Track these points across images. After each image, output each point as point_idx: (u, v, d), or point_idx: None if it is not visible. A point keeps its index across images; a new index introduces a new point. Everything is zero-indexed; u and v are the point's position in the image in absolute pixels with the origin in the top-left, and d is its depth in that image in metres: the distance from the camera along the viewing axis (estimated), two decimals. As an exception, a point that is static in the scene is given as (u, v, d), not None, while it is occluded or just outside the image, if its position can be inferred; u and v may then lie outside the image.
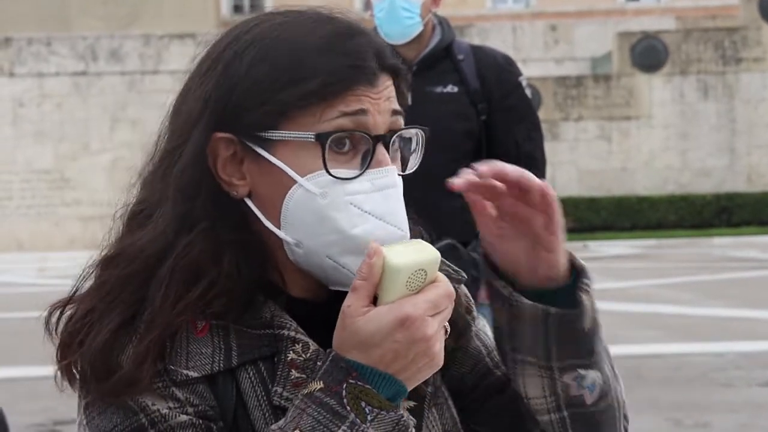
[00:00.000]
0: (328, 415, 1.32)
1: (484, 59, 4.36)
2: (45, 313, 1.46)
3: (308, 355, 1.41)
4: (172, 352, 1.38)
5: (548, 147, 4.95)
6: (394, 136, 1.44)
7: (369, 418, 1.32)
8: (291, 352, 1.40)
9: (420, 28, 4.20)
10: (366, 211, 1.40)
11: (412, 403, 1.46)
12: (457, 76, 4.30)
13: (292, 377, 1.39)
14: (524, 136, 4.38)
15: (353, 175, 1.40)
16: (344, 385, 1.32)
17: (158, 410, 1.36)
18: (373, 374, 1.33)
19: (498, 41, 29.12)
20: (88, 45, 29.60)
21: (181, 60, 29.44)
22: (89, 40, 29.72)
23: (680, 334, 10.98)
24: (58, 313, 1.46)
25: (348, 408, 1.32)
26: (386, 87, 1.45)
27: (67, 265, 24.21)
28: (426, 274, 1.36)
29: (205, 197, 1.43)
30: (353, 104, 1.41)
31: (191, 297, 1.39)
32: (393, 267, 1.34)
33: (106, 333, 1.38)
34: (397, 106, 1.46)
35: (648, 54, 29.45)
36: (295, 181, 1.41)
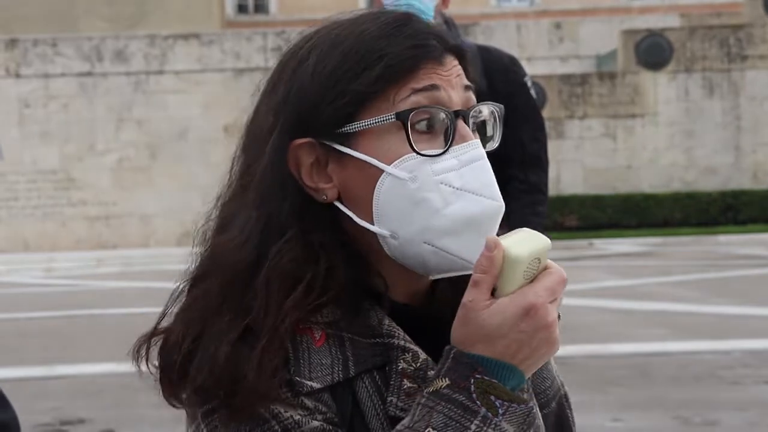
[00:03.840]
0: (459, 411, 1.32)
1: (491, 59, 4.36)
2: (134, 346, 1.46)
3: (418, 364, 1.41)
4: (296, 363, 1.39)
5: (553, 145, 4.94)
6: (473, 110, 1.45)
7: (500, 411, 1.33)
8: (401, 361, 1.41)
9: (433, 30, 4.19)
10: (458, 188, 1.40)
11: None
12: (464, 75, 4.30)
13: (405, 387, 1.40)
14: (530, 136, 4.38)
15: (439, 152, 1.40)
16: (471, 381, 1.33)
17: (291, 417, 1.36)
18: (498, 367, 1.34)
19: (503, 39, 29.08)
20: (93, 46, 29.61)
21: (186, 60, 29.49)
22: (95, 41, 29.73)
23: (687, 332, 10.96)
24: (146, 344, 1.45)
25: (478, 403, 1.32)
26: (454, 65, 1.46)
27: (73, 266, 24.24)
28: (540, 262, 1.37)
29: (291, 204, 1.43)
30: (423, 80, 1.42)
31: (290, 304, 1.38)
32: (513, 258, 1.34)
33: (227, 345, 1.37)
34: (468, 82, 1.47)
35: (653, 52, 29.40)
36: (382, 171, 1.40)
